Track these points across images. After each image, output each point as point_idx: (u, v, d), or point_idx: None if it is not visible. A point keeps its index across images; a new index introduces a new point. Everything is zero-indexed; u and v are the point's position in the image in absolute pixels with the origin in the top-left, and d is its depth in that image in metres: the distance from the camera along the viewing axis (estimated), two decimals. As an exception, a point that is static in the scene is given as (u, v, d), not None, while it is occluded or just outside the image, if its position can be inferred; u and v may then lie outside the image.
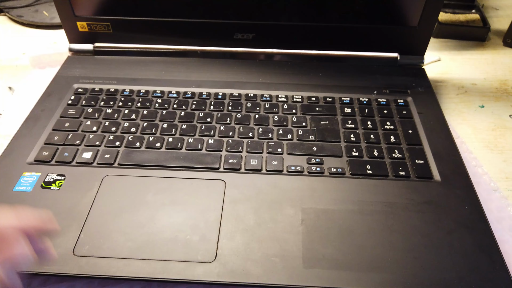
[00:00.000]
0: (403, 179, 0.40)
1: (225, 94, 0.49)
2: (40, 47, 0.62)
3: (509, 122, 0.50)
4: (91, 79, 0.51)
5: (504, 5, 0.72)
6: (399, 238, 0.35)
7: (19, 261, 0.25)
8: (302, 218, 0.36)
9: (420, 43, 0.52)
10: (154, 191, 0.38)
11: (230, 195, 0.38)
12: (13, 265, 0.25)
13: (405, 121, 0.45)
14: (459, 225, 0.36)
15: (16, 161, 0.41)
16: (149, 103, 0.47)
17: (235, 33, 0.53)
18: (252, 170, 0.40)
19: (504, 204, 0.41)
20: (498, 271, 0.33)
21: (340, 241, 0.34)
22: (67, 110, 0.47)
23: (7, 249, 0.24)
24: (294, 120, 0.46)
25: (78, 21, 0.52)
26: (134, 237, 0.35)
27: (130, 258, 0.33)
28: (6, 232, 0.25)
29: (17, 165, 0.40)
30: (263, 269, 0.33)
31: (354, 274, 0.32)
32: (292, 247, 0.34)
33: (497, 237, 0.36)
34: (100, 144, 0.43)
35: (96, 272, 0.32)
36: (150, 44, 0.54)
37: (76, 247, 0.34)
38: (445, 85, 0.56)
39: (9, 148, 0.42)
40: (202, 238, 0.35)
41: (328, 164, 0.41)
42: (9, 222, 0.26)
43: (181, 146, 0.43)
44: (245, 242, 0.34)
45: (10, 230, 0.25)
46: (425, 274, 0.32)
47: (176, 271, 0.32)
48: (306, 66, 0.53)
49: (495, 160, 0.46)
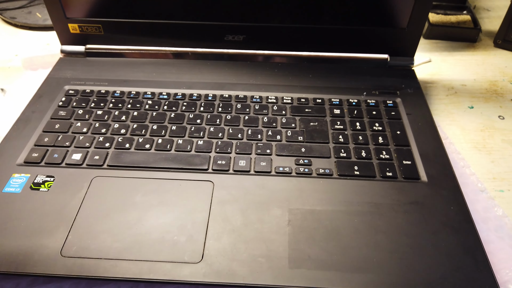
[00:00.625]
0: (390, 179, 0.40)
1: (216, 95, 0.49)
2: (33, 48, 0.63)
3: (498, 123, 0.51)
4: (82, 80, 0.51)
5: (495, 6, 0.73)
6: (385, 238, 0.35)
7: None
8: (289, 219, 0.36)
9: (409, 44, 0.52)
10: (142, 192, 0.38)
11: (218, 196, 0.38)
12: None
13: (394, 122, 0.46)
14: (444, 226, 0.36)
15: (6, 162, 0.41)
16: (139, 105, 0.48)
17: (226, 34, 0.53)
18: (241, 171, 0.41)
19: (491, 205, 0.41)
20: (482, 271, 0.33)
21: (326, 242, 0.35)
22: (57, 111, 0.47)
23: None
24: (284, 121, 0.46)
25: (69, 23, 0.52)
26: (122, 238, 0.35)
27: (117, 259, 0.34)
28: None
29: (7, 167, 0.41)
30: (249, 269, 0.33)
31: (339, 275, 0.33)
32: (278, 248, 0.34)
33: (483, 237, 0.36)
34: (90, 146, 0.43)
35: (83, 272, 0.33)
36: (141, 45, 0.54)
37: (64, 248, 0.34)
38: (435, 86, 0.56)
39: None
40: (189, 238, 0.35)
41: (316, 165, 0.41)
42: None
43: (171, 147, 0.43)
44: (231, 243, 0.34)
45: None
46: (410, 275, 0.33)
47: (163, 271, 0.33)
48: (296, 67, 0.53)
49: (483, 161, 0.46)
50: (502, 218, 0.40)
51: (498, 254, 0.37)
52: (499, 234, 0.39)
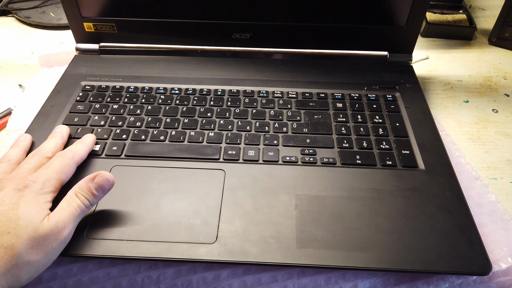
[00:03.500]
0: (390, 168, 0.43)
1: (224, 90, 0.52)
2: (47, 46, 0.65)
3: (492, 116, 0.53)
4: (97, 76, 0.54)
5: (490, 5, 0.76)
6: (385, 221, 0.38)
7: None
8: (296, 204, 0.39)
9: (408, 41, 0.55)
10: (158, 180, 0.41)
11: (229, 183, 0.41)
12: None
13: (393, 115, 0.48)
14: (440, 210, 0.39)
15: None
16: (152, 99, 0.50)
17: (233, 33, 0.56)
18: (250, 160, 0.43)
19: (484, 191, 0.44)
20: (475, 250, 0.36)
21: (330, 224, 0.37)
22: (76, 106, 0.49)
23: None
24: (289, 114, 0.49)
25: (84, 22, 0.55)
26: (141, 221, 0.37)
27: (137, 240, 0.36)
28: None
29: (31, 157, 0.43)
30: (260, 249, 0.35)
31: (343, 253, 0.35)
32: (287, 230, 0.37)
33: (477, 221, 0.39)
34: (108, 137, 0.46)
35: (106, 253, 0.35)
36: (153, 43, 0.57)
37: (87, 230, 0.37)
38: (432, 81, 0.59)
39: (22, 141, 0.45)
40: (203, 222, 0.37)
41: (321, 154, 0.44)
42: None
43: (184, 138, 0.45)
44: (243, 225, 0.37)
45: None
46: (408, 253, 0.35)
47: (180, 251, 0.35)
48: (300, 64, 0.56)
49: (477, 151, 0.49)
50: (495, 204, 0.43)
51: (491, 236, 0.40)
52: (492, 218, 0.41)
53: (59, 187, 0.37)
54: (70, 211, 0.34)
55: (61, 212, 0.34)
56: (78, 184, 0.36)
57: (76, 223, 0.35)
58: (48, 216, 0.33)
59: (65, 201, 0.35)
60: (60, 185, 0.37)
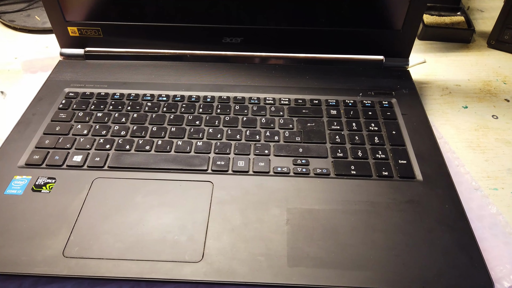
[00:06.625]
0: (386, 179, 0.41)
1: (214, 97, 0.50)
2: (32, 51, 0.63)
3: (492, 122, 0.51)
4: (82, 83, 0.52)
5: (489, 7, 0.74)
6: (381, 236, 0.36)
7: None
8: (287, 218, 0.37)
9: (404, 46, 0.53)
10: (143, 193, 0.39)
11: (217, 196, 0.39)
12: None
13: (389, 122, 0.47)
14: (440, 224, 0.37)
15: (7, 164, 0.41)
16: (139, 107, 0.48)
17: (224, 37, 0.53)
18: (240, 171, 0.41)
19: (485, 203, 0.42)
20: (477, 268, 0.34)
21: (324, 240, 0.35)
22: (58, 114, 0.47)
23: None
24: (281, 122, 0.47)
25: (68, 26, 0.53)
26: (123, 238, 0.35)
27: (119, 258, 0.34)
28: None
29: (8, 169, 0.41)
30: (248, 268, 0.33)
31: (337, 272, 0.33)
32: (277, 246, 0.35)
33: (477, 235, 0.37)
34: (91, 147, 0.43)
35: (85, 273, 0.33)
36: (140, 48, 0.55)
37: (66, 248, 0.35)
38: (430, 86, 0.57)
39: (0, 151, 0.43)
40: (189, 238, 0.35)
41: (314, 165, 0.42)
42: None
43: (170, 148, 0.43)
44: (231, 242, 0.35)
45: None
46: (406, 271, 0.33)
47: (164, 271, 0.33)
48: (293, 69, 0.54)
49: (477, 160, 0.47)
50: (496, 216, 0.41)
51: (492, 251, 0.38)
52: (493, 231, 0.40)
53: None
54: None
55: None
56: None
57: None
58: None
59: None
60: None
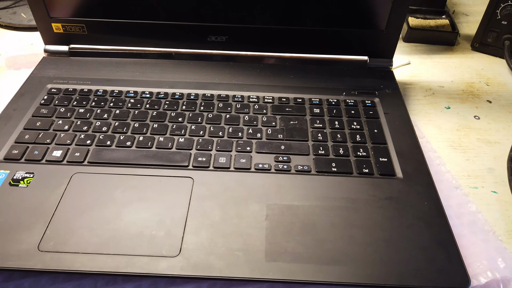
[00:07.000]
0: (366, 176, 0.41)
1: (198, 94, 0.50)
2: (17, 48, 0.62)
3: (473, 123, 0.52)
4: (65, 79, 0.51)
5: (473, 11, 0.75)
6: (360, 232, 0.36)
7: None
8: (267, 214, 0.37)
9: (388, 46, 0.53)
10: (122, 188, 0.39)
11: (197, 192, 0.39)
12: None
13: (371, 121, 0.47)
14: (418, 220, 0.37)
15: (-15, 159, 0.41)
16: (121, 103, 0.48)
17: (208, 35, 0.54)
18: (221, 167, 0.41)
19: (465, 201, 0.42)
20: (453, 263, 0.34)
21: (302, 236, 0.35)
22: (39, 109, 0.47)
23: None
24: (264, 119, 0.47)
25: (53, 22, 0.53)
26: (100, 232, 0.35)
27: (95, 253, 0.34)
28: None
29: (-14, 163, 0.41)
30: (226, 262, 0.33)
31: (314, 267, 0.33)
32: (256, 242, 0.35)
33: (456, 232, 0.37)
34: (71, 143, 0.43)
35: (60, 267, 0.33)
36: (125, 46, 0.55)
37: (41, 242, 0.34)
38: (414, 87, 0.58)
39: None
40: (167, 233, 0.35)
41: (295, 162, 0.42)
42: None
43: (152, 144, 0.43)
44: (209, 237, 0.35)
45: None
46: (383, 267, 0.33)
47: (140, 265, 0.33)
48: (278, 68, 0.54)
49: (458, 159, 0.47)
50: (476, 214, 0.41)
51: (470, 248, 0.38)
52: (472, 229, 0.40)
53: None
54: None
55: None
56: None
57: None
58: None
59: None
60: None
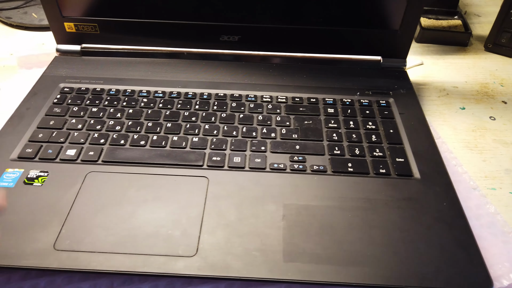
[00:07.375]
0: (383, 176, 0.40)
1: (211, 94, 0.49)
2: (28, 48, 0.63)
3: (489, 124, 0.51)
4: (77, 78, 0.51)
5: (486, 12, 0.74)
6: (378, 233, 0.35)
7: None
8: (284, 214, 0.36)
9: (402, 46, 0.53)
10: (137, 187, 0.38)
11: (212, 191, 0.38)
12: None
13: (387, 121, 0.46)
14: (437, 221, 0.36)
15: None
16: (134, 102, 0.48)
17: (221, 35, 0.53)
18: (235, 167, 0.41)
19: (483, 202, 0.42)
20: (475, 265, 0.33)
21: (320, 236, 0.35)
22: (52, 108, 0.47)
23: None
24: (278, 119, 0.46)
25: (65, 21, 0.53)
26: (116, 232, 0.35)
27: (111, 252, 0.33)
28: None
29: (0, 162, 0.40)
30: (243, 263, 0.33)
31: (333, 268, 0.33)
32: (273, 242, 0.34)
33: (476, 233, 0.36)
34: (85, 142, 0.43)
35: (76, 266, 0.32)
36: (137, 45, 0.54)
37: (57, 241, 0.34)
38: (427, 87, 0.57)
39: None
40: (183, 233, 0.35)
41: (311, 162, 0.41)
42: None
43: (165, 144, 0.43)
44: (226, 237, 0.34)
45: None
46: (403, 268, 0.33)
47: (157, 265, 0.33)
48: (291, 68, 0.54)
49: (474, 160, 0.47)
50: (495, 215, 0.41)
51: (491, 250, 0.37)
52: (491, 230, 0.39)
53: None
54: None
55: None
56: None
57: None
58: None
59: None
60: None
